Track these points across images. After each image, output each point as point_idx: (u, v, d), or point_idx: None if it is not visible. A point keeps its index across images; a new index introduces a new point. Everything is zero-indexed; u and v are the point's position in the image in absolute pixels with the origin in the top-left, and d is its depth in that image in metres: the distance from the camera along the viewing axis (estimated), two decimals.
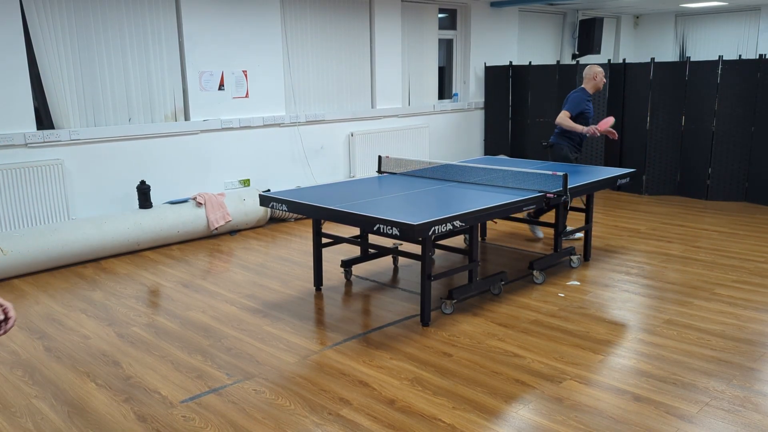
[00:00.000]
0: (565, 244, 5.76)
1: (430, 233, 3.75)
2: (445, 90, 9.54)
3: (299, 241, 6.29)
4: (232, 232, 6.61)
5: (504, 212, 4.31)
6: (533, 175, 4.97)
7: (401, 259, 5.53)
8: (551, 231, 6.29)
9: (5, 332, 2.17)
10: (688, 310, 4.35)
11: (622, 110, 8.20)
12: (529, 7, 10.11)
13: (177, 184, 6.63)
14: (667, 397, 3.20)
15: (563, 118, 5.85)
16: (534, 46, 10.50)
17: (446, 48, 9.42)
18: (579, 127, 5.82)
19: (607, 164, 8.41)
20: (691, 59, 7.81)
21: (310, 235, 6.23)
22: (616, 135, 6.00)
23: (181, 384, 3.44)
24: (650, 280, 4.97)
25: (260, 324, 4.23)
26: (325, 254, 5.64)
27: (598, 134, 5.82)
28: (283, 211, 4.79)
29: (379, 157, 5.63)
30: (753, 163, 7.48)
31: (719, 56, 7.56)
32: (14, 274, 5.23)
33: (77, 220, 5.75)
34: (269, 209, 6.83)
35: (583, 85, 6.03)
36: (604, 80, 6.03)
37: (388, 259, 5.55)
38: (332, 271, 5.31)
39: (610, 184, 5.31)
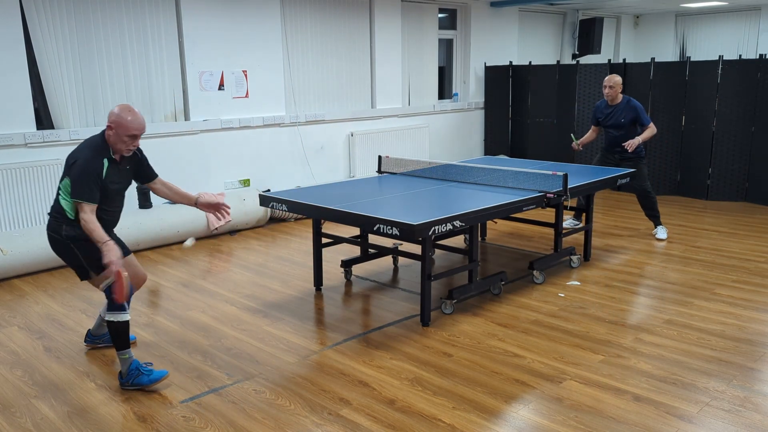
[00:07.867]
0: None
1: (430, 233, 3.75)
2: (445, 90, 9.53)
3: (299, 241, 6.28)
4: (232, 232, 6.61)
5: (504, 212, 4.31)
6: (533, 175, 4.97)
7: (401, 259, 5.53)
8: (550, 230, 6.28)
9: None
10: (688, 310, 4.35)
11: None
12: (529, 7, 10.10)
13: (177, 184, 6.58)
14: (667, 397, 3.20)
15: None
16: (534, 46, 10.49)
17: (446, 48, 9.41)
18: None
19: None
20: (691, 59, 7.80)
21: (310, 235, 6.22)
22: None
23: (181, 384, 3.44)
24: (650, 280, 4.97)
25: (260, 324, 4.23)
26: (325, 254, 5.63)
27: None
28: (283, 211, 4.79)
29: (379, 157, 5.63)
30: (753, 163, 7.48)
31: (719, 56, 7.57)
32: (14, 274, 5.23)
33: None
34: (269, 209, 6.83)
35: None
36: None
37: (388, 259, 5.55)
38: (332, 271, 5.30)
39: (610, 184, 5.32)
